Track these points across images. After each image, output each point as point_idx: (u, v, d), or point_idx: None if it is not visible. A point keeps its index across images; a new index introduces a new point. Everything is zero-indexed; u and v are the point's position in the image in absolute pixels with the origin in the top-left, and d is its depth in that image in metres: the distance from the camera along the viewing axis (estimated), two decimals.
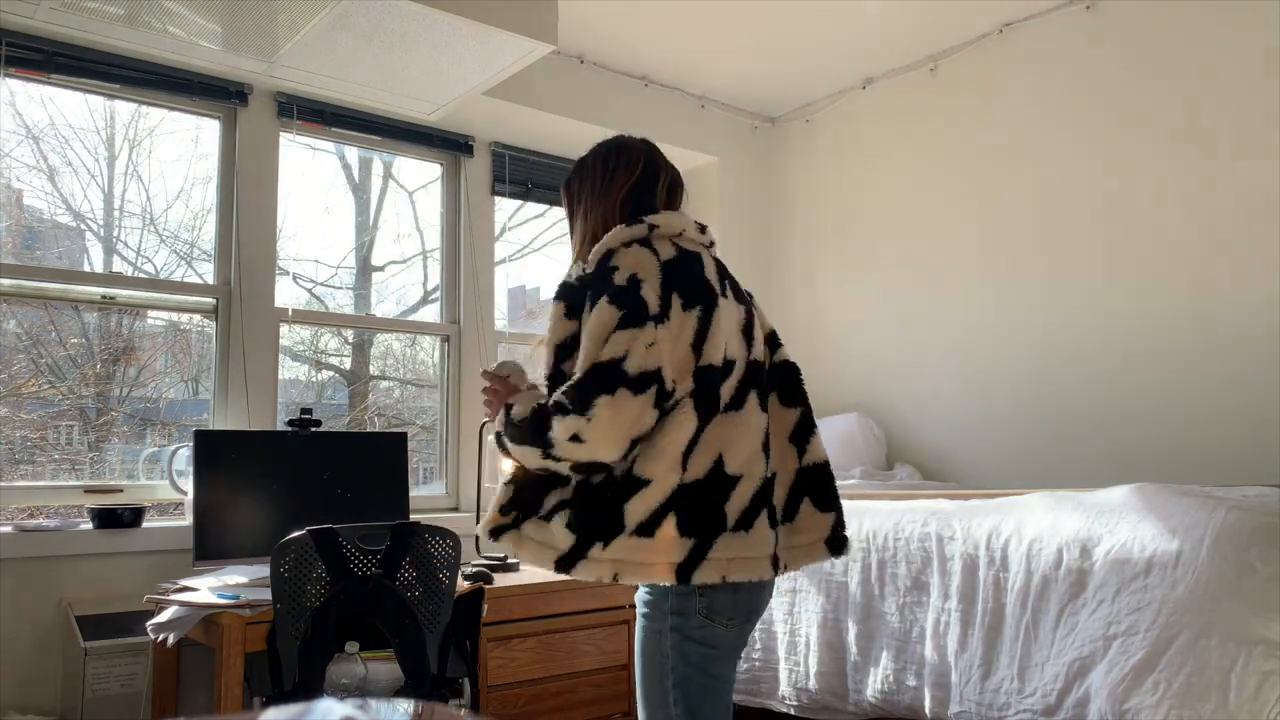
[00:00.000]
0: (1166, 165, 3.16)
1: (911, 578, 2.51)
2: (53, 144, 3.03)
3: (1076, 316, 3.36)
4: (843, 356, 4.12)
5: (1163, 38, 3.18)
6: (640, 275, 1.60)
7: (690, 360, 1.60)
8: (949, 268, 3.75)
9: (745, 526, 1.61)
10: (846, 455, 3.79)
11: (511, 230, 4.16)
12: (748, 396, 1.68)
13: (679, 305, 1.60)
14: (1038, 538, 2.25)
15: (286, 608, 2.18)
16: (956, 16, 3.53)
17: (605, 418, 1.53)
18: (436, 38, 2.80)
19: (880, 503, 2.74)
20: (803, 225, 4.34)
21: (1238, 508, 2.01)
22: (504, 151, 3.92)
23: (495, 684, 2.77)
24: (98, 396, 3.08)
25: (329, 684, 2.22)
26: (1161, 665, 1.94)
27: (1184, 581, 1.97)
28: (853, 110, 4.15)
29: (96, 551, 2.75)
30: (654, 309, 1.57)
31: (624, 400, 1.53)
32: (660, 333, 1.56)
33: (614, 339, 1.56)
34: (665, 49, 3.77)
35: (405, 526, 2.29)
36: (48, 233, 3.08)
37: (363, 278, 3.71)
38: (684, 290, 1.61)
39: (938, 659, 2.40)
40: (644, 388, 1.54)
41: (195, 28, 2.73)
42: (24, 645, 2.64)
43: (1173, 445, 3.10)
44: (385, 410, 3.77)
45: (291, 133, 3.39)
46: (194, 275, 3.26)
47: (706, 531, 1.59)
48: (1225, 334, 3.00)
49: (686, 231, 1.72)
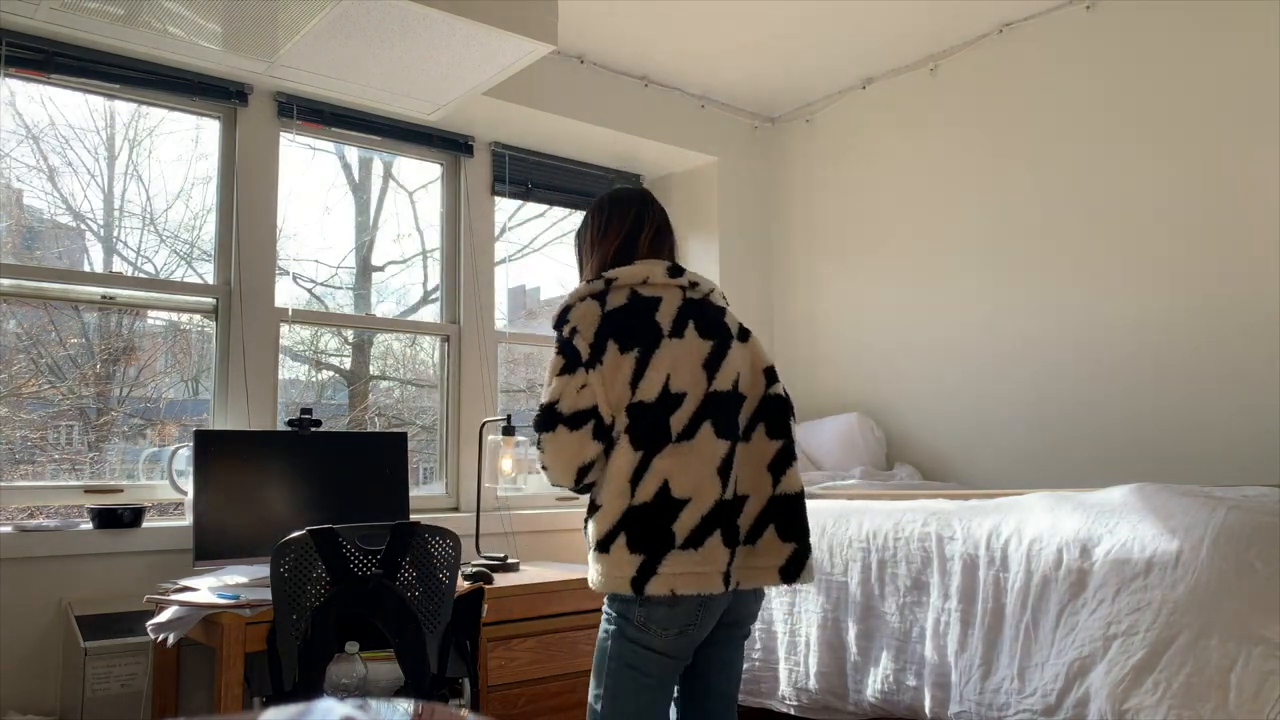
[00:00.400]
0: (1166, 165, 3.16)
1: (911, 578, 2.51)
2: (53, 144, 3.03)
3: (1076, 316, 3.36)
4: (843, 356, 4.12)
5: (1163, 38, 3.18)
6: (579, 327, 1.86)
7: (627, 395, 1.83)
8: (949, 268, 3.75)
9: (695, 544, 1.80)
10: (846, 455, 3.79)
11: (511, 230, 4.16)
12: (701, 426, 1.86)
13: (615, 349, 1.84)
14: (1038, 538, 2.25)
15: (286, 608, 2.18)
16: (956, 16, 3.53)
17: (551, 451, 1.85)
18: (436, 38, 2.80)
19: (880, 503, 2.74)
20: (803, 225, 4.34)
21: (1238, 508, 2.01)
22: (504, 151, 3.92)
23: (495, 684, 2.77)
24: (98, 396, 3.08)
25: (329, 684, 2.22)
26: (1161, 665, 1.94)
27: (1184, 581, 1.97)
28: (853, 110, 4.15)
29: (96, 551, 2.75)
30: (585, 356, 1.84)
31: (562, 436, 1.83)
32: (592, 376, 1.83)
33: (554, 384, 1.86)
34: (665, 49, 3.77)
35: (405, 526, 2.29)
36: (48, 233, 3.08)
37: (363, 278, 3.71)
38: (622, 335, 1.85)
39: (938, 659, 2.40)
40: (580, 424, 1.83)
41: (195, 28, 2.73)
42: (24, 645, 2.64)
43: (1173, 445, 3.10)
44: (385, 410, 3.77)
45: (291, 133, 3.39)
46: (194, 275, 3.26)
47: (655, 549, 1.79)
48: (1225, 334, 3.00)
49: (651, 278, 1.92)
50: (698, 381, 1.88)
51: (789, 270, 4.39)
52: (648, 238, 2.00)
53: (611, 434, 1.84)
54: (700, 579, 1.80)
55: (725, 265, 4.25)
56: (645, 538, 1.80)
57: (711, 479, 1.84)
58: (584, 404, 1.83)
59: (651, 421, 1.83)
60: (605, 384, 1.83)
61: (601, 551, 1.83)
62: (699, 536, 1.80)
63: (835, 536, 2.73)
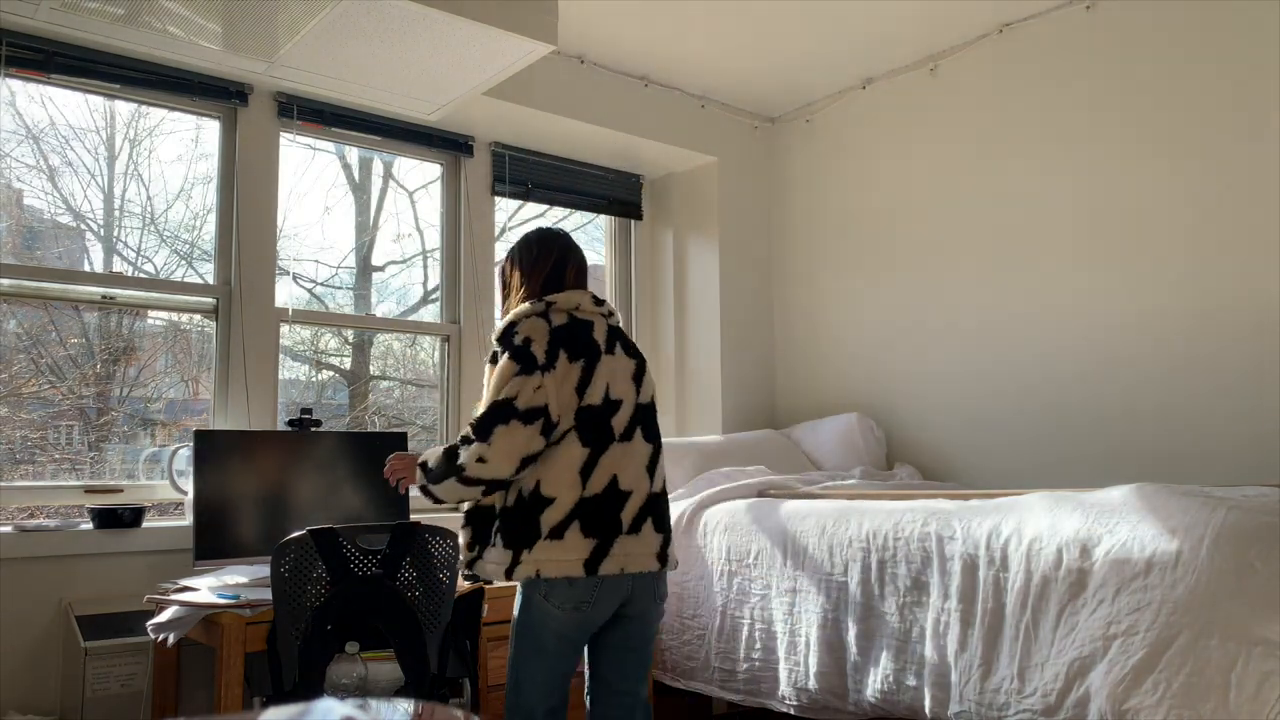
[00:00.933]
0: (1166, 165, 3.16)
1: (911, 578, 2.51)
2: (53, 144, 3.03)
3: (1076, 316, 3.36)
4: (843, 356, 4.12)
5: (1163, 38, 3.18)
6: (532, 337, 2.10)
7: (574, 400, 2.09)
8: (949, 267, 3.75)
9: (636, 529, 2.14)
10: (846, 455, 3.79)
11: (511, 230, 4.16)
12: (636, 430, 2.19)
13: (565, 358, 2.09)
14: (1038, 538, 2.25)
15: (286, 608, 2.18)
16: (956, 16, 3.53)
17: (502, 442, 2.03)
18: (436, 38, 2.80)
19: (880, 503, 2.74)
20: (803, 225, 4.34)
21: (1238, 508, 2.01)
22: (504, 151, 3.93)
23: (495, 684, 2.77)
24: (98, 396, 3.08)
25: (329, 684, 2.22)
26: (1161, 665, 1.94)
27: (1184, 581, 1.97)
28: (853, 110, 4.15)
29: (96, 551, 2.75)
30: (541, 361, 2.07)
31: (516, 428, 2.04)
32: (546, 379, 2.06)
33: (510, 384, 2.06)
34: (665, 49, 3.77)
35: (405, 526, 2.29)
36: (48, 233, 3.08)
37: (363, 278, 3.71)
38: (570, 347, 2.11)
39: (938, 659, 2.40)
40: (532, 420, 2.05)
41: (195, 28, 2.73)
42: (24, 645, 2.64)
43: (1173, 445, 3.10)
44: (385, 410, 3.77)
45: (291, 133, 3.39)
46: (194, 275, 3.26)
47: (607, 533, 2.10)
48: (1225, 334, 3.00)
49: (582, 305, 2.22)
50: (630, 391, 2.20)
51: (789, 270, 4.39)
52: (573, 272, 2.29)
53: (553, 434, 2.08)
54: (642, 559, 2.14)
55: (725, 265, 4.25)
56: (598, 524, 2.09)
57: (643, 474, 2.18)
58: (538, 402, 2.06)
59: (597, 423, 2.12)
60: (556, 386, 2.07)
61: (554, 539, 2.07)
62: (638, 524, 2.14)
63: (835, 536, 2.73)
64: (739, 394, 4.24)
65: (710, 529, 3.13)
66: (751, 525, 3.01)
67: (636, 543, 2.13)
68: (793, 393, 4.32)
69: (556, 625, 2.13)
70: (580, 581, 2.08)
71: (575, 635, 2.17)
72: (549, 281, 2.26)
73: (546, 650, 2.15)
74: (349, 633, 2.26)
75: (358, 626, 2.27)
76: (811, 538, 2.79)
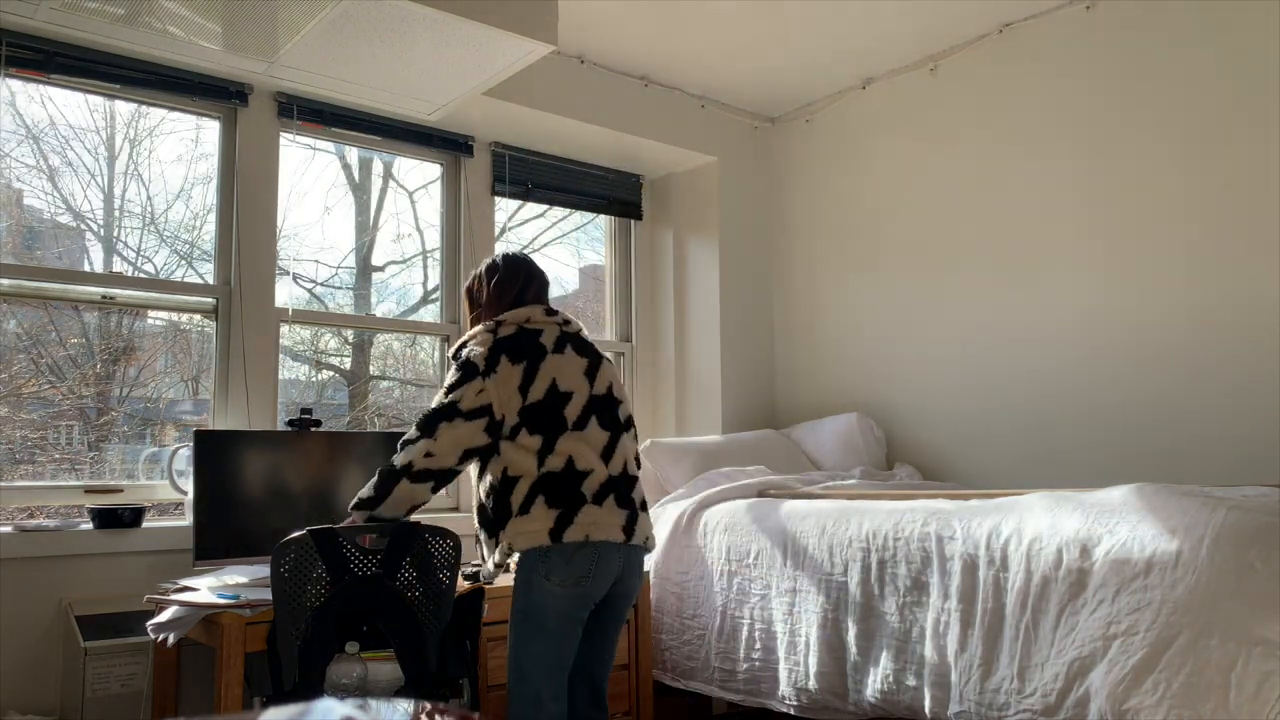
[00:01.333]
0: (1166, 165, 3.16)
1: (911, 578, 2.51)
2: (53, 144, 3.03)
3: (1076, 316, 3.36)
4: (843, 356, 4.12)
5: (1163, 38, 3.18)
6: (476, 349, 2.31)
7: (518, 398, 2.26)
8: (949, 268, 3.75)
9: (599, 502, 2.26)
10: (846, 455, 3.79)
11: (511, 230, 4.17)
12: (590, 419, 2.33)
13: (507, 361, 2.27)
14: (1038, 538, 2.25)
15: (286, 608, 2.18)
16: (956, 16, 3.53)
17: (446, 437, 2.23)
18: (436, 38, 2.80)
19: (880, 503, 2.74)
20: (803, 225, 4.34)
21: (1238, 508, 2.01)
22: (504, 151, 3.92)
23: (495, 684, 2.77)
24: (98, 396, 3.08)
25: (329, 684, 2.22)
26: (1161, 665, 1.94)
27: (1184, 581, 1.97)
28: (853, 110, 4.15)
29: (96, 551, 2.75)
30: (482, 368, 2.26)
31: (459, 424, 2.23)
32: (488, 383, 2.25)
33: (455, 392, 2.26)
34: (665, 49, 3.77)
35: (405, 526, 2.29)
36: (48, 233, 3.08)
37: (363, 278, 3.71)
38: (513, 353, 2.29)
39: (938, 659, 2.40)
40: (475, 418, 2.24)
41: (195, 28, 2.73)
42: (24, 645, 2.64)
43: (1173, 445, 3.10)
44: (385, 410, 3.77)
45: (291, 133, 3.39)
46: (194, 275, 3.26)
47: (570, 504, 2.22)
48: (1225, 334, 3.00)
49: (533, 318, 2.39)
50: (582, 385, 2.35)
51: (789, 270, 4.39)
52: (533, 292, 2.47)
53: (501, 429, 2.25)
54: (607, 529, 2.24)
55: (725, 265, 4.25)
56: (561, 495, 2.22)
57: (597, 459, 2.30)
58: (480, 403, 2.24)
59: (547, 414, 2.27)
60: (498, 388, 2.25)
61: (523, 514, 2.21)
62: (600, 498, 2.26)
63: (835, 536, 2.73)
64: (739, 394, 4.24)
65: (710, 529, 3.13)
66: (751, 525, 3.01)
67: (600, 513, 2.24)
68: (792, 393, 4.32)
69: (558, 604, 2.22)
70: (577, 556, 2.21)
71: (577, 612, 2.25)
72: (515, 304, 2.44)
73: (549, 630, 2.23)
74: (349, 633, 2.26)
75: (358, 626, 2.27)
76: (811, 538, 2.79)
